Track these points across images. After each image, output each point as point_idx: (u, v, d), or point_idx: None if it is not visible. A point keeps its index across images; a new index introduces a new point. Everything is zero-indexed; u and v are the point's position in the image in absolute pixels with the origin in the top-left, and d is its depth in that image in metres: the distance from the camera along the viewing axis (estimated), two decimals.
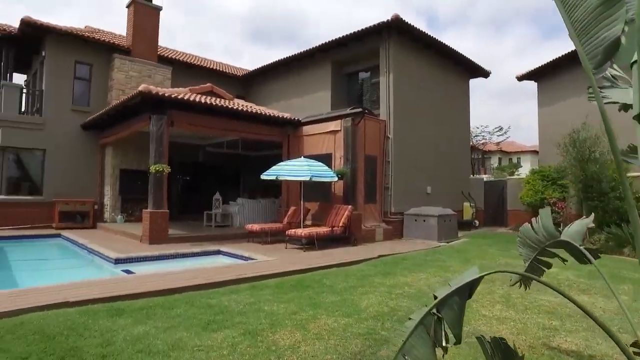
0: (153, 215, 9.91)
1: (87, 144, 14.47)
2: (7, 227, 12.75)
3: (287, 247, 10.08)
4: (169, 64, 16.07)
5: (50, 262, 9.22)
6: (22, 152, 13.60)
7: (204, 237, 11.00)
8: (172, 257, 8.86)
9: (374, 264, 7.98)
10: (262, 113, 12.05)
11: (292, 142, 13.28)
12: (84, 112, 14.17)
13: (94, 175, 14.53)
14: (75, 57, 14.33)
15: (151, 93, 9.56)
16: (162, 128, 10.13)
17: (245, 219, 13.77)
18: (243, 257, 8.78)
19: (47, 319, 4.20)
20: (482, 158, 32.55)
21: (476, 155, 29.59)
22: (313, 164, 10.52)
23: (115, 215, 14.10)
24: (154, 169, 9.78)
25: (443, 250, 10.10)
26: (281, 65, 16.56)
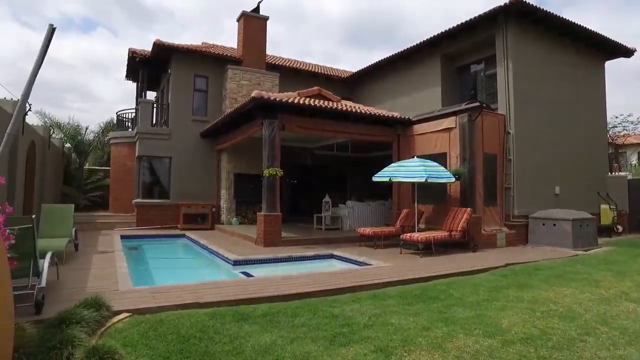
0: (267, 219, 10.15)
1: (205, 151, 15.54)
2: (143, 227, 14.21)
3: (401, 252, 9.60)
4: (276, 71, 16.60)
5: (178, 261, 9.98)
6: (154, 160, 15.06)
7: (316, 240, 11.00)
8: (286, 260, 8.94)
9: (502, 274, 7.13)
10: (371, 113, 11.73)
11: (402, 142, 12.74)
12: (202, 121, 15.25)
13: (212, 179, 15.55)
14: (194, 71, 15.50)
15: (263, 98, 9.81)
16: (274, 132, 10.35)
17: (355, 222, 13.56)
18: (357, 262, 8.51)
19: (182, 320, 4.32)
20: (616, 153, 27.97)
21: (610, 150, 25.58)
22: (428, 164, 9.89)
23: (230, 217, 14.90)
24: (267, 172, 10.02)
25: (584, 260, 8.74)
26: (386, 64, 16.09)
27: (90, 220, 14.05)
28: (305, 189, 18.57)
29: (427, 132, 11.92)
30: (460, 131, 10.70)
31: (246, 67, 15.77)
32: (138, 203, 14.54)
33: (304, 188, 18.51)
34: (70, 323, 3.75)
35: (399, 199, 12.72)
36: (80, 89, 63.65)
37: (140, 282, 6.46)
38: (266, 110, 10.39)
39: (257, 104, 10.09)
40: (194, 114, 15.46)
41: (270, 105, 10.26)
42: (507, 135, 11.69)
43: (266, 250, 9.56)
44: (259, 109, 10.40)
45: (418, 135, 12.29)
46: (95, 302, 4.29)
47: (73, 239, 8.61)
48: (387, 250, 9.96)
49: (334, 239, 11.42)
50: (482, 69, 13.66)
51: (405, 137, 12.72)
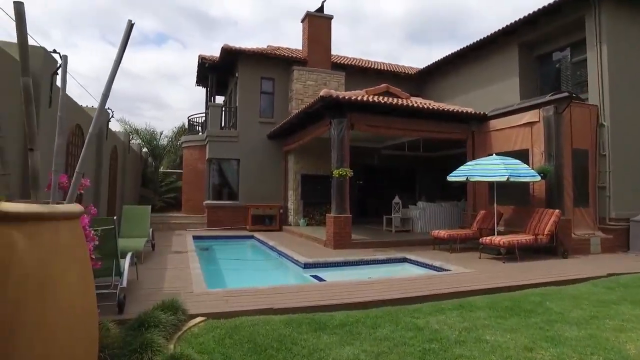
0: (337, 220, 9.89)
1: (272, 152, 15.65)
2: (213, 227, 14.59)
3: (480, 256, 8.90)
4: (342, 70, 16.35)
5: (248, 263, 10.02)
6: (223, 162, 15.43)
7: (386, 243, 10.57)
8: (357, 263, 8.61)
9: (607, 286, 6.27)
10: (444, 109, 11.08)
11: (477, 140, 11.92)
12: (269, 123, 15.36)
13: (279, 181, 15.62)
14: (260, 74, 15.68)
15: (332, 97, 9.57)
16: (343, 131, 10.07)
17: (427, 223, 12.94)
18: (434, 267, 7.98)
19: (257, 327, 4.14)
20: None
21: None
22: (509, 161, 9.10)
23: (298, 218, 14.85)
24: (337, 173, 9.76)
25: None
26: (457, 57, 15.24)
27: (164, 220, 14.67)
28: (372, 190, 18.13)
29: (506, 128, 11.03)
30: (545, 125, 9.74)
31: (312, 68, 15.68)
32: (208, 204, 14.95)
33: (371, 189, 18.08)
34: (149, 326, 3.71)
35: (475, 199, 11.91)
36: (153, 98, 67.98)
37: (213, 284, 6.45)
38: (334, 109, 10.15)
39: (326, 103, 9.87)
40: (261, 116, 15.64)
41: (339, 104, 10.00)
42: (600, 128, 10.49)
43: (336, 253, 9.30)
44: (327, 108, 10.19)
45: (495, 132, 11.42)
46: (172, 305, 4.24)
47: (150, 239, 8.90)
48: (464, 255, 9.31)
49: (405, 242, 10.92)
50: (567, 56, 12.43)
51: (481, 133, 11.88)
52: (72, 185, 2.53)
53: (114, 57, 2.68)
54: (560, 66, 12.66)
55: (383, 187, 18.36)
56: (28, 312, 2.18)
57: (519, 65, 13.01)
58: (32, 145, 2.31)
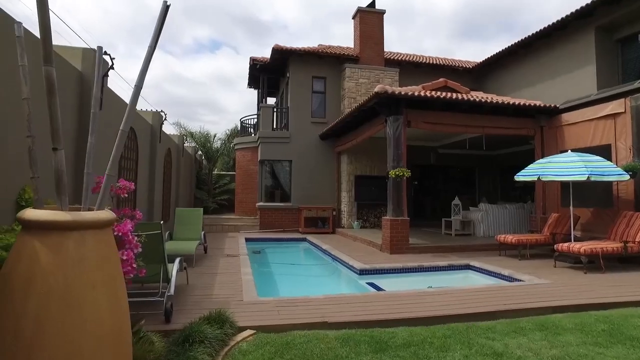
0: (393, 223, 9.31)
1: (324, 153, 15.29)
2: (266, 230, 14.46)
3: (555, 265, 7.96)
4: (395, 66, 15.68)
5: (300, 268, 9.67)
6: (275, 164, 15.28)
7: (446, 248, 9.83)
8: (416, 270, 8.00)
9: None
10: (509, 103, 10.16)
11: (547, 135, 10.85)
12: (321, 123, 15.02)
13: (332, 182, 15.23)
14: (312, 73, 15.38)
15: (387, 93, 9.02)
16: (399, 129, 9.47)
17: (490, 227, 11.98)
18: (502, 276, 7.21)
19: (311, 345, 3.73)
20: None
21: None
22: (588, 158, 8.08)
23: (351, 221, 14.38)
24: (393, 173, 9.18)
25: None
26: (520, 48, 14.07)
27: (218, 222, 14.74)
28: (428, 191, 17.28)
29: (582, 121, 9.90)
30: (634, 116, 8.58)
31: (364, 65, 15.16)
32: (261, 206, 14.85)
33: (427, 190, 17.24)
34: (193, 342, 3.40)
35: (544, 200, 10.83)
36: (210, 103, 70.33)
37: (264, 291, 6.15)
38: (390, 106, 9.58)
39: (381, 100, 9.33)
40: (312, 116, 15.34)
41: (395, 101, 9.42)
42: None
43: (393, 258, 8.73)
44: (383, 105, 9.64)
45: (568, 126, 10.30)
46: (219, 317, 3.93)
47: (203, 241, 8.80)
48: (534, 262, 8.40)
49: (466, 247, 10.11)
50: None
51: (551, 128, 10.79)
52: (102, 188, 2.23)
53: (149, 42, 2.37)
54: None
55: (440, 188, 17.47)
56: (49, 332, 1.89)
57: (595, 51, 11.70)
58: (56, 143, 2.03)
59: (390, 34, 18.30)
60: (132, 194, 7.46)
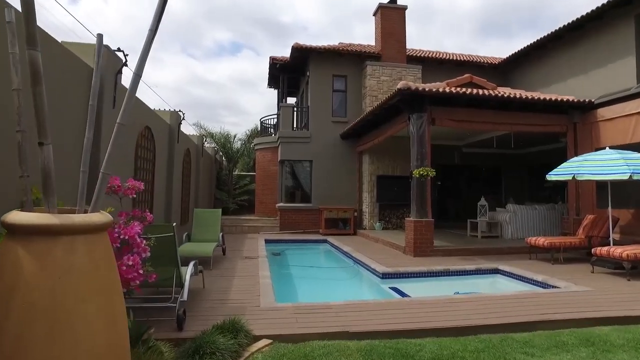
0: (417, 225, 8.94)
1: (345, 153, 14.99)
2: (286, 231, 14.26)
3: (593, 270, 7.45)
4: (418, 64, 15.25)
5: (320, 271, 9.36)
6: (295, 164, 15.07)
7: (473, 251, 9.40)
8: (442, 274, 7.62)
9: None
10: (538, 98, 9.66)
11: (580, 132, 10.28)
12: (342, 122, 14.72)
13: (353, 182, 14.92)
14: (332, 72, 15.10)
15: (410, 89, 8.66)
16: (423, 127, 9.10)
17: (518, 229, 11.45)
18: (535, 282, 6.77)
19: (330, 357, 3.45)
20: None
21: None
22: (630, 156, 7.55)
23: (373, 222, 14.03)
24: (417, 172, 8.82)
25: None
26: (549, 41, 13.42)
27: (238, 223, 14.61)
28: (452, 191, 16.77)
29: (620, 116, 9.32)
30: None
31: (386, 62, 14.80)
32: (281, 207, 14.66)
33: (451, 190, 16.73)
34: (204, 354, 3.17)
35: (578, 201, 10.26)
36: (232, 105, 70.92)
37: (282, 295, 5.91)
38: (413, 103, 9.22)
39: (404, 97, 8.98)
40: (333, 115, 15.06)
41: (418, 97, 9.06)
42: None
43: (417, 261, 8.37)
44: (406, 102, 9.28)
45: (605, 122, 9.72)
46: (233, 325, 3.69)
47: (221, 243, 8.63)
48: (569, 267, 7.90)
49: (494, 250, 9.65)
50: None
51: (585, 124, 10.22)
52: (97, 188, 2.01)
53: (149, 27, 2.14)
54: None
55: (464, 188, 16.94)
56: (32, 352, 1.67)
57: (636, 42, 11.02)
58: (43, 137, 1.81)
59: (410, 33, 18.06)
60: (148, 195, 7.34)
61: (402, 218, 14.03)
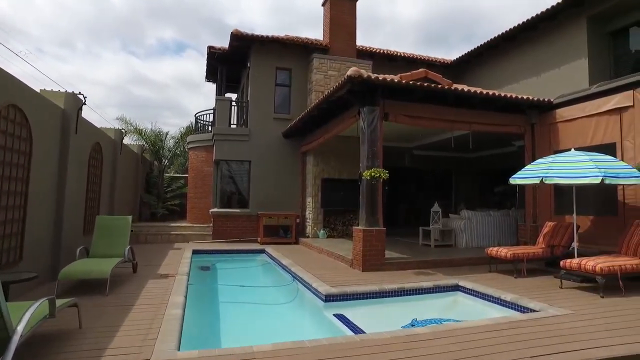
0: (367, 235, 7.74)
1: (288, 153, 13.63)
2: (219, 240, 12.63)
3: (562, 285, 6.61)
4: (368, 59, 14.24)
5: (253, 292, 7.66)
6: (232, 165, 13.48)
7: (429, 263, 8.36)
8: (396, 294, 6.44)
9: None
10: (499, 95, 8.86)
11: (539, 133, 9.63)
12: (285, 119, 13.36)
13: (296, 186, 13.58)
14: (275, 64, 13.73)
15: (361, 77, 7.46)
16: (375, 123, 7.95)
17: (473, 237, 10.64)
18: (504, 303, 5.76)
19: None
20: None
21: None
22: (599, 158, 6.80)
23: (317, 229, 12.75)
24: (367, 174, 7.61)
25: None
26: (504, 40, 12.91)
27: (164, 231, 12.77)
28: (402, 197, 15.90)
29: (580, 117, 8.69)
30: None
31: (334, 56, 13.64)
32: (215, 213, 13.00)
33: (400, 195, 15.85)
34: None
35: (535, 207, 9.58)
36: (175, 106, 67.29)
37: (193, 334, 4.43)
38: (364, 95, 8.04)
39: (354, 86, 7.76)
40: (275, 112, 13.66)
41: (371, 88, 7.89)
42: None
43: (366, 277, 7.16)
44: (356, 93, 8.08)
45: (564, 123, 9.10)
46: None
47: (128, 258, 6.92)
48: (533, 281, 7.06)
49: (450, 261, 8.67)
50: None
51: (544, 125, 9.57)
52: None
53: None
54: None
55: (414, 192, 16.16)
56: None
57: (588, 43, 10.62)
58: None
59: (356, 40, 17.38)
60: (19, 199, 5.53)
61: (348, 225, 12.89)
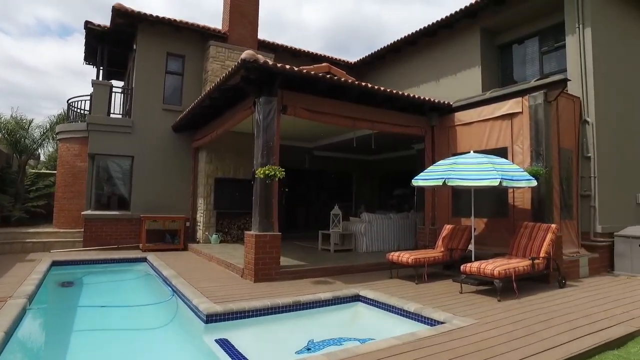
0: (260, 241, 6.88)
1: (178, 149, 12.22)
2: (92, 247, 10.79)
3: (462, 290, 6.43)
4: (271, 52, 13.44)
5: (118, 314, 6.27)
6: (110, 160, 11.67)
7: (328, 270, 7.76)
8: (291, 308, 5.66)
9: None
10: (404, 94, 8.63)
11: (438, 135, 9.66)
12: (176, 111, 11.94)
13: (186, 186, 12.21)
14: (166, 49, 12.25)
15: (257, 62, 6.62)
16: (272, 115, 7.14)
17: (374, 240, 10.37)
18: (406, 314, 5.31)
19: None
20: None
21: None
22: (497, 161, 6.81)
23: (209, 234, 11.55)
24: (261, 172, 6.74)
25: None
26: (406, 44, 13.03)
27: (18, 238, 10.54)
28: (301, 199, 15.33)
29: (477, 121, 8.85)
30: (532, 116, 7.65)
31: (233, 45, 12.59)
32: (88, 216, 11.09)
33: (300, 197, 15.27)
34: None
35: (434, 209, 9.58)
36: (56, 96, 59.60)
37: None
38: (261, 84, 7.20)
39: (250, 73, 6.87)
40: (165, 103, 12.17)
41: (268, 76, 7.08)
42: (582, 125, 8.69)
43: (258, 290, 6.30)
44: (251, 81, 7.19)
45: (462, 126, 9.21)
46: None
47: None
48: (435, 287, 6.83)
49: (351, 268, 8.20)
50: (534, 44, 10.66)
51: (443, 128, 9.63)
52: None
53: None
54: (526, 55, 10.88)
55: (314, 194, 15.71)
56: None
57: (481, 53, 11.03)
58: None
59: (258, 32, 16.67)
60: None
61: (244, 229, 11.90)
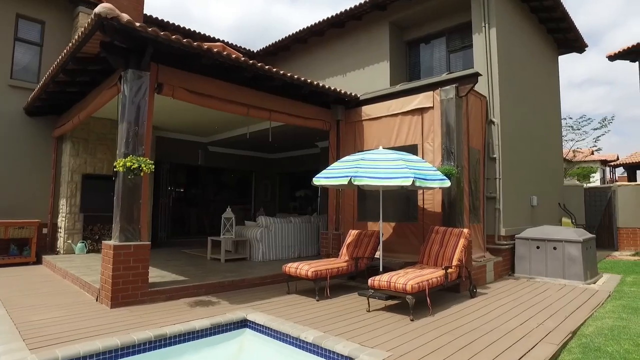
0: (120, 253, 5.28)
1: (34, 138, 9.84)
2: None
3: (369, 308, 5.52)
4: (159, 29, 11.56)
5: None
6: None
7: (212, 287, 6.38)
8: (151, 346, 4.22)
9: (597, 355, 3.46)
10: (306, 81, 7.57)
11: (344, 131, 8.81)
12: (30, 90, 9.57)
13: (44, 183, 9.86)
14: (17, 9, 9.81)
15: (119, 20, 4.99)
16: (143, 94, 5.58)
17: (271, 247, 9.17)
18: (303, 345, 4.19)
19: None
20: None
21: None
22: (409, 158, 6.03)
23: (72, 242, 9.41)
24: (121, 164, 5.15)
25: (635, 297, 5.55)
26: (313, 34, 12.12)
27: None
28: (194, 200, 13.63)
29: (385, 116, 8.15)
30: (444, 112, 7.10)
31: None
32: None
33: (193, 198, 13.56)
34: None
35: (337, 213, 8.70)
36: None
37: None
38: (129, 54, 5.59)
39: (111, 36, 5.20)
40: (13, 77, 9.72)
41: (138, 44, 5.50)
42: (488, 126, 8.46)
43: (113, 319, 4.73)
44: (115, 49, 5.53)
45: (369, 121, 8.46)
46: None
47: None
48: (338, 304, 5.85)
49: (242, 282, 6.90)
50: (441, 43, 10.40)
51: (349, 123, 8.81)
52: None
53: None
54: (434, 55, 10.58)
55: (210, 195, 14.11)
56: None
57: (390, 48, 10.49)
58: None
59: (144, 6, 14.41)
60: None
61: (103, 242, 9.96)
